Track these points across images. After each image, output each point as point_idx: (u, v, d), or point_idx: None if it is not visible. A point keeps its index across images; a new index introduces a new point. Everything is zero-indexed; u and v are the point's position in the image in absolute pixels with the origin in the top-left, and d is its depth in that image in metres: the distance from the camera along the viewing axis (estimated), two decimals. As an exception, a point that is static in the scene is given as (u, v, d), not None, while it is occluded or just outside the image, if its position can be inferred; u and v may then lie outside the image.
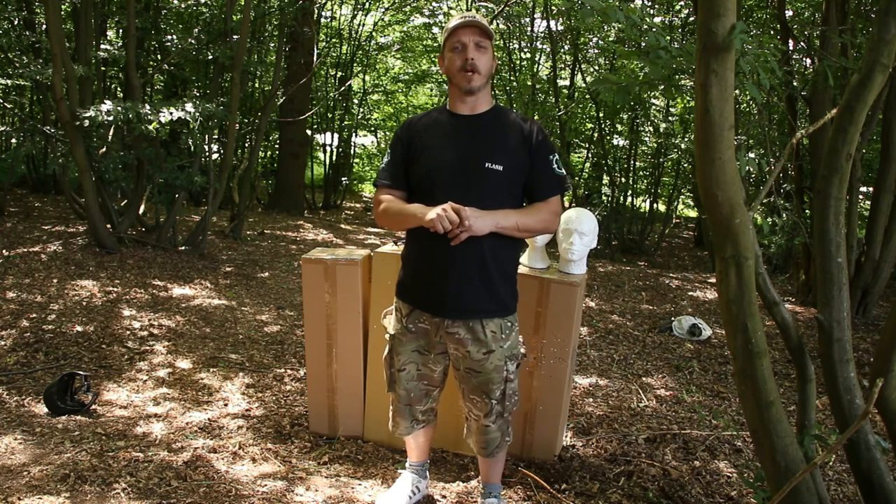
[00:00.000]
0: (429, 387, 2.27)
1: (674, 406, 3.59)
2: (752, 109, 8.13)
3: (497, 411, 2.17)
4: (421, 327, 2.15)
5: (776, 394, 1.78)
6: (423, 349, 2.19)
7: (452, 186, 2.01)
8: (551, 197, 2.10)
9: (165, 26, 7.46)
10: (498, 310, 2.11)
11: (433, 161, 2.08)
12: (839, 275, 1.89)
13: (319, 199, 13.63)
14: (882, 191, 5.27)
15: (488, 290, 2.07)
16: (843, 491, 2.70)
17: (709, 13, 1.55)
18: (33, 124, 7.30)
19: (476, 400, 2.18)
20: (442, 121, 2.14)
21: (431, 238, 1.99)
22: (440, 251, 2.02)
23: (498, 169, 2.03)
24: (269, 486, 2.44)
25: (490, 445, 2.24)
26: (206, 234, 6.73)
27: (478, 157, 2.04)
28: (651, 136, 10.87)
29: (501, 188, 2.05)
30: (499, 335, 2.10)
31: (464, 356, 2.11)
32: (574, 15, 8.86)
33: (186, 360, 3.97)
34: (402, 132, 2.19)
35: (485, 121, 2.10)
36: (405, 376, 2.23)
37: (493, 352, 2.09)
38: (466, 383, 2.17)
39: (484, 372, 2.11)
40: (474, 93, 2.06)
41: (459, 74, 2.03)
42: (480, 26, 2.02)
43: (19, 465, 2.50)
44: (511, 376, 2.16)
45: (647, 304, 5.90)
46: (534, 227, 2.10)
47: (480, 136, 2.08)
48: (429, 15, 12.54)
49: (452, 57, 2.05)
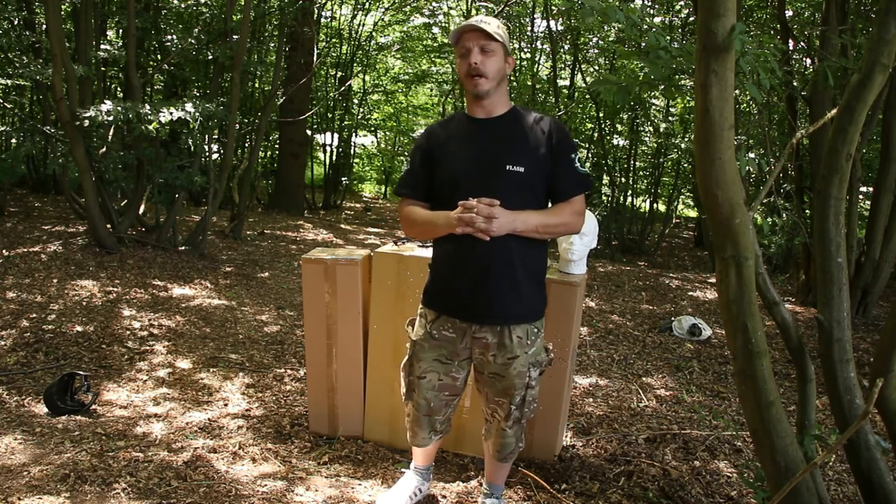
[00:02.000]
0: (450, 397, 2.24)
1: (674, 406, 3.59)
2: (752, 109, 8.13)
3: (515, 417, 2.16)
4: (445, 335, 2.12)
5: (776, 394, 1.79)
6: (444, 358, 2.16)
7: (474, 190, 1.97)
8: (574, 196, 2.07)
9: (165, 26, 7.45)
10: (527, 314, 2.09)
11: (454, 166, 2.06)
12: (839, 275, 1.89)
13: (319, 199, 13.64)
14: (882, 191, 5.27)
15: (517, 294, 2.04)
16: (843, 491, 2.70)
17: (709, 13, 1.55)
18: (33, 124, 7.29)
19: (501, 402, 2.16)
20: (460, 126, 2.13)
21: (458, 243, 1.98)
22: (467, 256, 2.01)
23: (519, 170, 2.01)
24: (269, 486, 2.44)
25: (505, 450, 2.24)
26: (206, 234, 6.73)
27: (498, 159, 2.02)
28: (651, 136, 10.87)
29: (524, 189, 2.03)
30: (524, 340, 2.08)
31: (489, 361, 2.10)
32: (574, 15, 8.86)
33: (186, 360, 3.97)
34: (422, 140, 2.18)
35: (503, 123, 2.08)
36: (426, 384, 2.19)
37: (517, 357, 2.07)
38: (491, 387, 2.16)
39: (507, 377, 2.10)
40: (484, 97, 2.04)
41: (467, 80, 2.03)
42: (483, 29, 1.99)
43: (19, 465, 2.50)
44: (532, 382, 2.14)
45: (647, 304, 5.90)
46: (557, 228, 2.07)
47: (500, 139, 2.05)
48: (429, 15, 12.55)
49: (460, 63, 2.04)
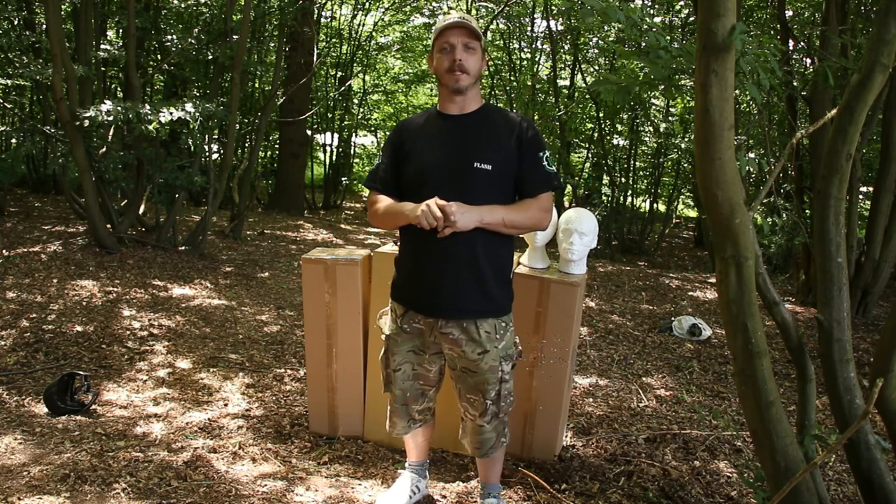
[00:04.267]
0: (424, 386, 2.27)
1: (674, 406, 3.59)
2: (752, 109, 8.13)
3: (492, 412, 2.17)
4: (415, 327, 2.16)
5: (776, 394, 1.79)
6: (418, 349, 2.20)
7: (441, 187, 2.01)
8: (540, 193, 2.09)
9: (165, 26, 7.45)
10: (492, 310, 2.10)
11: (422, 162, 2.09)
12: (839, 275, 1.89)
13: (319, 199, 13.64)
14: (882, 191, 5.27)
15: (482, 290, 2.07)
16: (843, 491, 2.70)
17: (709, 13, 1.55)
18: (33, 124, 7.29)
19: (472, 399, 2.18)
20: (432, 122, 2.15)
21: (423, 238, 1.99)
22: (432, 251, 2.03)
23: (487, 168, 2.03)
24: (269, 486, 2.44)
25: (485, 445, 2.24)
26: (206, 234, 6.73)
27: (466, 157, 2.04)
28: (651, 136, 10.87)
29: (491, 188, 2.05)
30: (493, 335, 2.10)
31: (459, 356, 2.11)
32: (574, 15, 8.86)
33: (186, 360, 3.97)
34: (393, 136, 2.20)
35: (474, 120, 2.10)
36: (401, 376, 2.23)
37: (487, 352, 2.09)
38: (462, 383, 2.18)
39: (479, 372, 2.11)
40: (462, 92, 2.06)
41: (447, 75, 2.04)
42: (469, 27, 2.02)
43: (19, 465, 2.50)
44: (506, 377, 2.15)
45: (647, 304, 5.90)
46: (522, 224, 2.09)
47: (469, 136, 2.08)
48: (429, 15, 12.54)
49: (441, 58, 2.06)
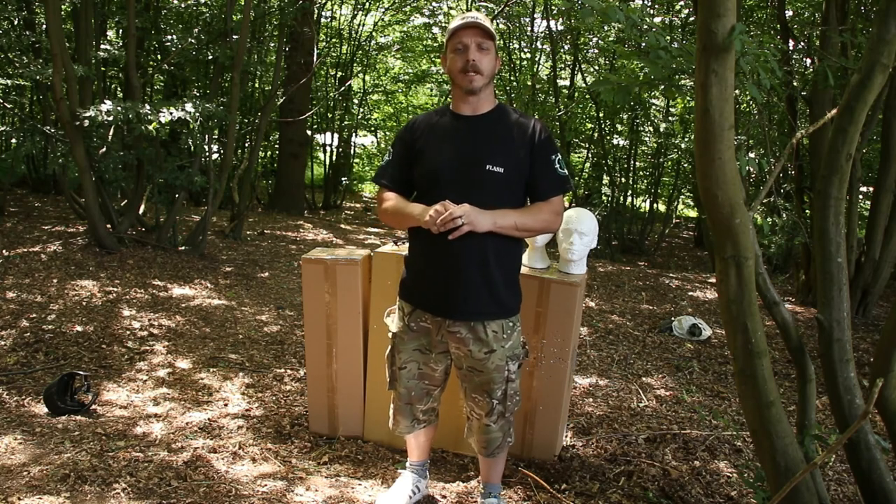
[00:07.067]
0: (429, 386, 2.27)
1: (674, 406, 3.59)
2: (752, 109, 8.12)
3: (498, 411, 2.18)
4: (422, 326, 2.16)
5: (776, 394, 1.79)
6: (424, 348, 2.20)
7: (452, 188, 2.00)
8: (552, 197, 2.09)
9: (165, 26, 7.46)
10: (500, 312, 2.10)
11: (434, 162, 2.08)
12: (839, 275, 1.89)
13: (319, 199, 13.63)
14: (882, 191, 5.28)
15: (490, 291, 2.07)
16: (843, 491, 2.70)
17: (709, 13, 1.55)
18: (33, 124, 7.29)
19: (478, 399, 2.18)
20: (444, 122, 2.14)
21: (433, 238, 1.98)
22: (442, 252, 2.02)
23: (499, 171, 2.02)
24: (269, 486, 2.44)
25: (491, 445, 2.24)
26: (206, 234, 6.73)
27: (479, 158, 2.03)
28: (651, 136, 10.86)
29: (502, 190, 2.05)
30: (500, 335, 2.10)
31: (465, 355, 2.11)
32: (574, 15, 8.85)
33: (186, 360, 3.97)
34: (405, 133, 2.19)
35: (487, 121, 2.09)
36: (406, 374, 2.23)
37: (494, 351, 2.09)
38: (469, 382, 2.18)
39: (485, 371, 2.11)
40: (476, 93, 2.06)
41: (461, 75, 2.03)
42: (483, 27, 2.01)
43: (19, 465, 2.50)
44: (512, 376, 2.16)
45: (647, 304, 5.90)
46: (534, 227, 2.09)
47: (482, 138, 2.07)
48: (429, 15, 12.54)
49: (454, 58, 2.04)
